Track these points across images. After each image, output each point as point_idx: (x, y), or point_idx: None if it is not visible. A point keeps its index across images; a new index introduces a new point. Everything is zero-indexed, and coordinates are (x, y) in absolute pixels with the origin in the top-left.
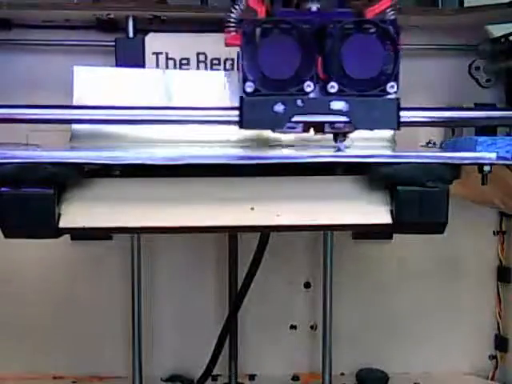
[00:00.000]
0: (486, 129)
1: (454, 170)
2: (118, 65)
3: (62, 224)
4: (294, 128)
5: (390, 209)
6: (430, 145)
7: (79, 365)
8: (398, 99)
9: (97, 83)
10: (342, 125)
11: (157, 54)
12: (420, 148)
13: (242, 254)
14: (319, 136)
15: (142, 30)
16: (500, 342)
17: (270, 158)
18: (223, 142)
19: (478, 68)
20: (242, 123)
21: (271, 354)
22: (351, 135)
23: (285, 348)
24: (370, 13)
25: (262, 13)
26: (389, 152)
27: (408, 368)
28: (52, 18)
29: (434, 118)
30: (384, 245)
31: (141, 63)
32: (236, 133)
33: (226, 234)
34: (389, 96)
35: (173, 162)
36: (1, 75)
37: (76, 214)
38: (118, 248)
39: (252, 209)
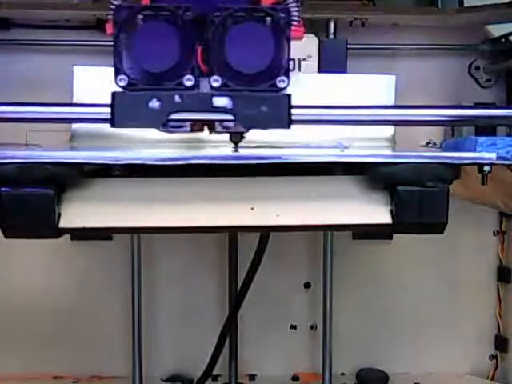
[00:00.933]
0: (486, 129)
1: (454, 170)
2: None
3: (62, 224)
4: (180, 127)
5: (390, 209)
6: (430, 145)
7: (79, 365)
8: (288, 95)
9: (97, 83)
10: (231, 123)
11: None
12: (420, 148)
13: (242, 254)
14: (319, 137)
15: None
16: (500, 342)
17: (270, 158)
18: (223, 141)
19: (477, 68)
20: (113, 121)
21: (271, 353)
22: (351, 135)
23: (285, 348)
24: (267, 1)
25: (145, 0)
26: (389, 152)
27: (408, 368)
28: (52, 18)
29: (433, 117)
30: (384, 245)
31: None
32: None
33: (226, 234)
34: (280, 92)
35: (173, 162)
36: (0, 75)
37: (76, 213)
38: (118, 248)
39: (252, 209)
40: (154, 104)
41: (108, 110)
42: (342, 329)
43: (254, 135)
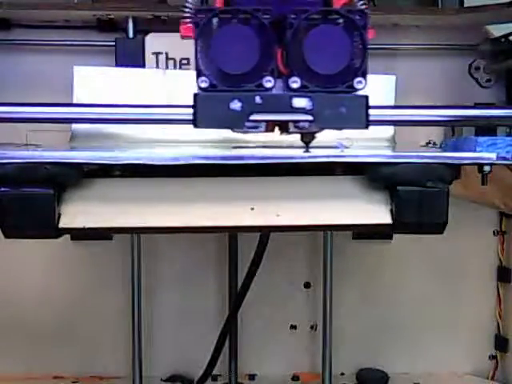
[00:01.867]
0: (486, 129)
1: (454, 171)
2: (118, 65)
3: (62, 224)
4: (255, 127)
5: (390, 209)
6: (430, 145)
7: (79, 365)
8: (366, 96)
9: (97, 83)
10: (306, 124)
11: (157, 54)
12: (420, 148)
13: (242, 254)
14: (319, 137)
15: (142, 30)
16: (500, 342)
17: (270, 158)
18: (223, 142)
19: (478, 68)
20: (196, 122)
21: (271, 353)
22: (351, 135)
23: (285, 348)
24: (338, 2)
25: (219, 2)
26: (389, 152)
27: (408, 368)
28: (52, 18)
29: (433, 117)
30: (384, 245)
31: (141, 63)
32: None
33: (226, 234)
34: (356, 92)
35: (173, 162)
36: (1, 75)
37: (76, 214)
38: (118, 248)
39: (252, 209)
40: (235, 105)
41: (110, 110)
42: (342, 329)
43: (256, 136)
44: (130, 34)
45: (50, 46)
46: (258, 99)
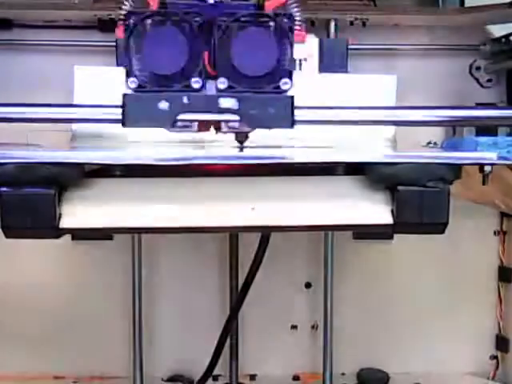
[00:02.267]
0: (487, 129)
1: (455, 171)
2: (118, 65)
3: (63, 224)
4: (187, 127)
5: (391, 209)
6: (430, 145)
7: (80, 365)
8: (291, 96)
9: (97, 83)
10: (237, 124)
11: None
12: (421, 148)
13: (242, 254)
14: (319, 137)
15: None
16: (501, 342)
17: (270, 158)
18: (222, 141)
19: (478, 68)
20: (124, 121)
21: (272, 354)
22: (351, 135)
23: (285, 348)
24: (270, 6)
25: (154, 5)
26: (389, 152)
27: (409, 368)
28: (53, 18)
29: (434, 117)
30: (384, 245)
31: None
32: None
33: (226, 234)
34: (283, 93)
35: (173, 162)
36: (1, 75)
37: (77, 214)
38: (118, 248)
39: (253, 209)
40: (163, 105)
41: (109, 110)
42: (343, 329)
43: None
44: None
45: (51, 46)
46: (185, 99)
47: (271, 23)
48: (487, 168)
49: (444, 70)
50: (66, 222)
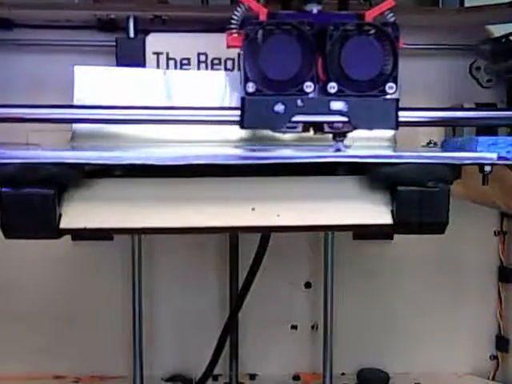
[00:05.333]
0: (487, 129)
1: (455, 171)
2: (118, 65)
3: (63, 224)
4: (293, 128)
5: (391, 209)
6: (430, 145)
7: (80, 364)
8: (396, 100)
9: (97, 83)
10: (340, 124)
11: (157, 53)
12: (421, 148)
13: (242, 254)
14: (318, 135)
15: (143, 29)
16: (501, 343)
17: (270, 158)
18: (223, 141)
19: (478, 68)
20: (243, 123)
21: (272, 353)
22: (351, 135)
23: (285, 348)
24: (370, 15)
25: (263, 15)
26: (389, 152)
27: (409, 368)
28: (53, 18)
29: (434, 117)
30: (384, 245)
31: (141, 63)
32: (235, 133)
33: (226, 234)
34: (387, 96)
35: (173, 162)
36: (1, 75)
37: (77, 214)
38: (118, 248)
39: (253, 209)
40: (279, 107)
41: (109, 110)
42: (343, 329)
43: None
44: (131, 34)
45: (51, 46)
46: (299, 102)
47: (374, 31)
48: (487, 168)
49: (444, 70)
50: (66, 222)
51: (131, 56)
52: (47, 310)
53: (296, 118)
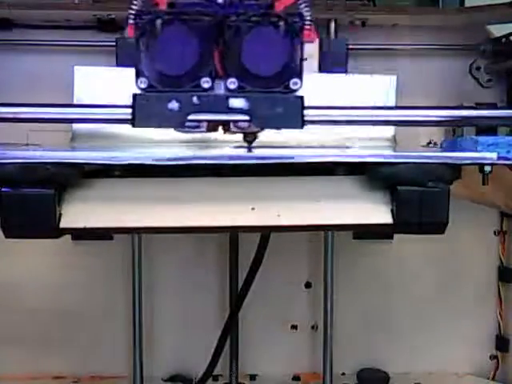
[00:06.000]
0: (487, 129)
1: (455, 170)
2: (118, 65)
3: (63, 224)
4: (197, 127)
5: (391, 209)
6: (430, 145)
7: (80, 364)
8: (301, 97)
9: (97, 83)
10: (245, 124)
11: None
12: (421, 148)
13: (242, 254)
14: (318, 137)
15: None
16: (501, 343)
17: (270, 158)
18: (223, 141)
19: (478, 68)
20: (134, 121)
21: (272, 353)
22: (351, 135)
23: (286, 348)
24: (279, 6)
25: (163, 4)
26: (389, 152)
27: (409, 368)
28: (53, 18)
29: (433, 117)
30: (384, 245)
31: None
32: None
33: (226, 234)
34: (293, 93)
35: (173, 162)
36: (1, 75)
37: (77, 214)
38: (118, 248)
39: (252, 209)
40: (173, 105)
41: (109, 110)
42: (343, 329)
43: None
44: None
45: (51, 46)
46: (195, 99)
47: (281, 23)
48: (487, 168)
49: (444, 70)
50: (65, 222)
51: (131, 56)
52: (47, 310)
53: (192, 117)
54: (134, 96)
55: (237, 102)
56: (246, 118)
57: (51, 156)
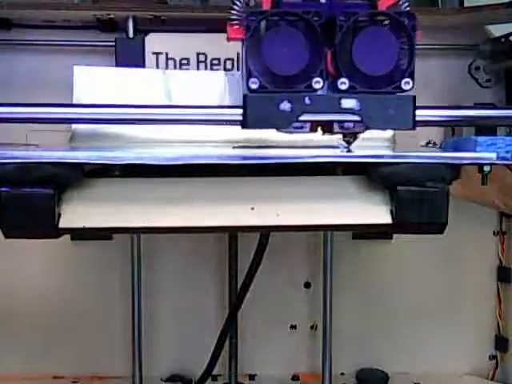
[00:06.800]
0: (486, 129)
1: (454, 170)
2: (118, 65)
3: (62, 224)
4: (301, 128)
5: (390, 209)
6: (430, 145)
7: (79, 364)
8: (413, 96)
9: (97, 83)
10: (351, 124)
11: (157, 53)
12: (420, 148)
13: (242, 254)
14: (318, 136)
15: (142, 30)
16: (500, 342)
17: (270, 158)
18: (222, 141)
19: (477, 68)
20: (245, 122)
21: (271, 353)
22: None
23: (285, 348)
24: (383, 4)
25: (266, 4)
26: (389, 152)
27: (408, 368)
28: (52, 18)
29: (433, 117)
30: (384, 245)
31: (141, 63)
32: (236, 133)
33: (226, 234)
34: (404, 93)
35: (173, 162)
36: (1, 75)
37: (76, 214)
38: (118, 248)
39: (252, 209)
40: (285, 105)
41: (110, 110)
42: (342, 329)
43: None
44: (130, 34)
45: (50, 46)
46: (307, 100)
47: (388, 22)
48: (486, 168)
49: (443, 70)
50: (65, 222)
51: (131, 56)
52: (46, 310)
53: (304, 117)
54: (245, 96)
55: (348, 103)
56: (358, 118)
57: (51, 156)
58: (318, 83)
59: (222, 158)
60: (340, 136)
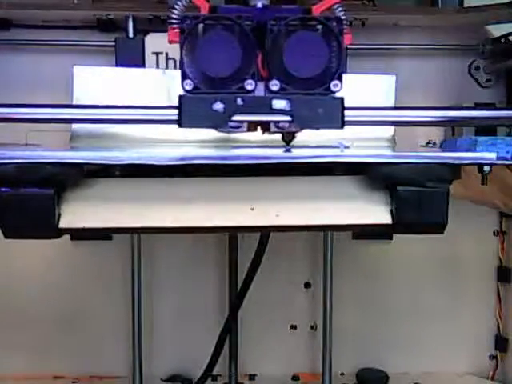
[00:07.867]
0: (486, 129)
1: (454, 171)
2: (117, 65)
3: (62, 224)
4: (238, 127)
5: (390, 209)
6: (429, 145)
7: (79, 364)
8: (341, 98)
9: (97, 83)
10: (286, 124)
11: (157, 53)
12: (420, 148)
13: (242, 254)
14: (319, 137)
15: (142, 29)
16: (500, 342)
17: (270, 158)
18: (223, 141)
19: (477, 68)
20: (180, 122)
21: (271, 353)
22: (350, 135)
23: (285, 348)
24: (317, 9)
25: (205, 9)
26: (389, 152)
27: (408, 368)
28: (52, 18)
29: (433, 117)
30: (384, 245)
31: (141, 63)
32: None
33: (226, 234)
34: (333, 94)
35: (173, 162)
36: (1, 75)
37: (76, 214)
38: (118, 248)
39: (252, 209)
40: (218, 106)
41: (110, 110)
42: (342, 329)
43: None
44: (130, 34)
45: (50, 46)
46: (239, 101)
47: (321, 27)
48: (486, 168)
49: (443, 70)
50: (65, 222)
51: (130, 56)
52: (47, 310)
53: (236, 117)
54: (180, 97)
55: (279, 103)
56: (288, 118)
57: (51, 156)
58: (250, 85)
59: (221, 158)
60: (340, 136)
